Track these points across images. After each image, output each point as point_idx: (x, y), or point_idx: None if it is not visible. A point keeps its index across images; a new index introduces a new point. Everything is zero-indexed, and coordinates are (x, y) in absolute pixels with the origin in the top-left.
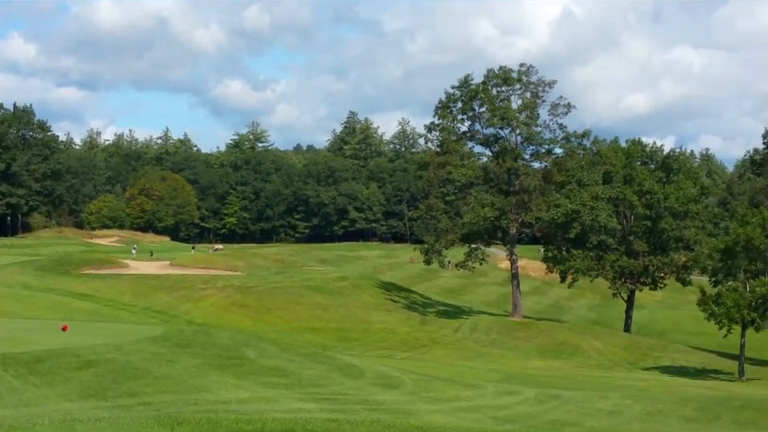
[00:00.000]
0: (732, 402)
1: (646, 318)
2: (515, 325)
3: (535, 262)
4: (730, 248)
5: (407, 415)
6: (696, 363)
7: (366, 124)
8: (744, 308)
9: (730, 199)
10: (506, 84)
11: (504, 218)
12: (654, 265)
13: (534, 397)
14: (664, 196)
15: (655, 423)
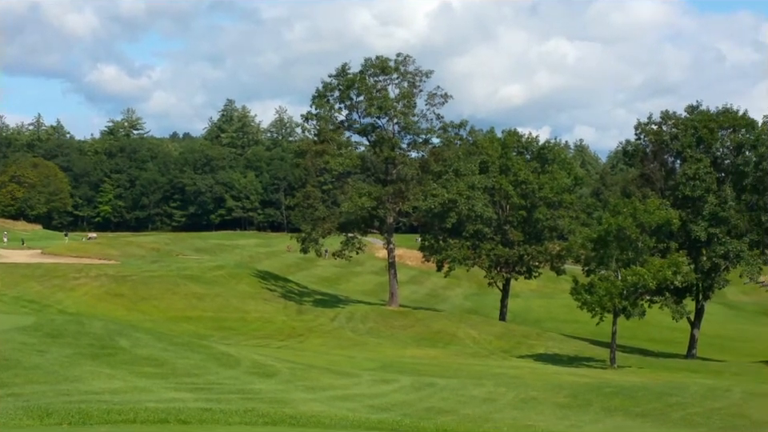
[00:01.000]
0: (603, 389)
1: (521, 307)
2: (392, 314)
3: (412, 251)
4: (602, 237)
5: (282, 404)
6: (569, 351)
7: (244, 112)
8: (615, 297)
9: (603, 189)
10: (384, 73)
11: (381, 207)
12: (528, 254)
13: (409, 385)
14: (539, 186)
15: (528, 410)
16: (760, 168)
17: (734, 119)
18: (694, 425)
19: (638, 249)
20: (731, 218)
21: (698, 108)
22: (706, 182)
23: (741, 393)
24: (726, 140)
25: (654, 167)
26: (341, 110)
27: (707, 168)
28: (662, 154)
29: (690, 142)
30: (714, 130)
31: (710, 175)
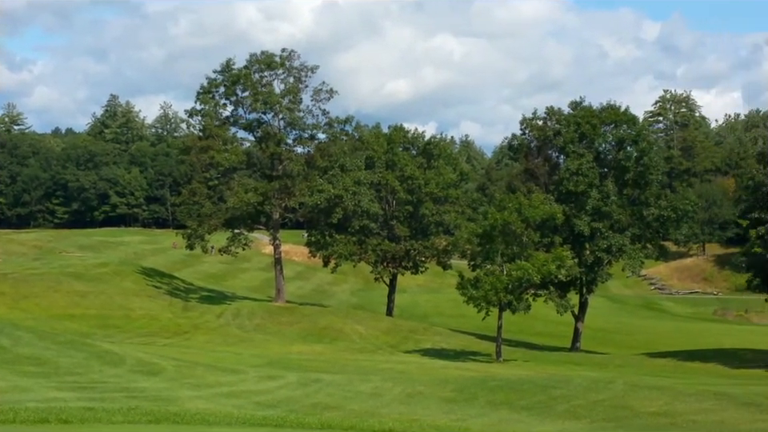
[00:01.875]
0: (488, 383)
1: (408, 302)
2: (278, 310)
3: (299, 247)
4: (487, 232)
5: (167, 402)
6: (456, 345)
7: (128, 108)
8: (501, 291)
9: (488, 184)
10: (269, 69)
11: (267, 202)
12: (415, 249)
13: (296, 381)
14: (425, 181)
15: (414, 405)
16: (641, 163)
17: (615, 115)
18: (578, 417)
19: (522, 243)
20: (613, 212)
21: (581, 104)
22: (589, 177)
23: (623, 384)
24: (608, 136)
25: (538, 162)
26: (226, 105)
27: (590, 163)
28: (546, 150)
29: (573, 138)
30: (597, 126)
31: (593, 170)
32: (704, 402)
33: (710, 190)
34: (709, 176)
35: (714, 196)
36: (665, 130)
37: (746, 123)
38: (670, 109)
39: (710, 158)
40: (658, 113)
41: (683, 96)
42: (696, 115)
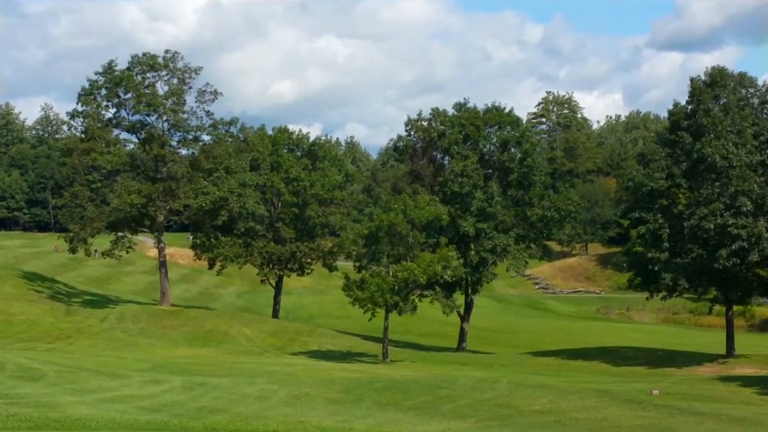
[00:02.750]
0: (375, 384)
1: (294, 304)
2: (163, 313)
3: (184, 250)
4: (373, 234)
5: (48, 408)
6: (342, 347)
7: (7, 109)
8: (387, 292)
9: (374, 186)
10: (153, 70)
11: (151, 205)
12: (301, 251)
13: (180, 385)
14: (310, 183)
15: (301, 407)
16: (525, 164)
17: (499, 117)
18: (463, 416)
19: (408, 244)
20: (498, 213)
21: (465, 105)
22: (474, 179)
23: (507, 384)
24: (492, 137)
25: (423, 164)
26: (108, 107)
27: (474, 165)
28: (431, 151)
29: (458, 139)
30: (481, 128)
31: (477, 172)
32: (587, 400)
33: (592, 191)
34: (591, 177)
35: (596, 196)
36: (548, 131)
37: (627, 124)
38: (552, 110)
39: (592, 159)
40: (541, 114)
41: (565, 98)
42: (578, 117)
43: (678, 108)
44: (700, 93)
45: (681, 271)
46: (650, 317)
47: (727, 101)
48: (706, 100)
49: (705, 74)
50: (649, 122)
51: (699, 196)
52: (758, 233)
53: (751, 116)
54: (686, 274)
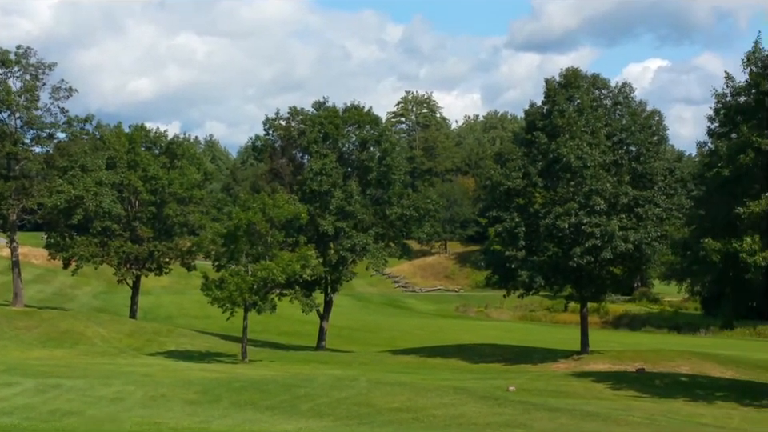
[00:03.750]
0: (233, 384)
1: (153, 304)
2: (16, 314)
3: (38, 249)
4: (232, 233)
5: None
6: (201, 347)
7: None
8: (246, 291)
9: (233, 185)
10: (4, 66)
11: (4, 203)
12: (159, 250)
13: (33, 387)
14: (168, 182)
15: (158, 408)
16: (384, 163)
17: (359, 116)
18: (322, 415)
19: (267, 243)
20: (357, 212)
21: (324, 104)
22: (333, 177)
23: (366, 382)
24: (351, 136)
25: (282, 162)
26: None
27: (333, 163)
28: (290, 149)
29: (317, 138)
30: (340, 126)
31: (337, 170)
32: (444, 397)
33: (450, 190)
34: (450, 176)
35: (455, 195)
36: (407, 130)
37: (485, 124)
38: (412, 110)
39: (451, 158)
40: (401, 113)
41: (425, 97)
42: (437, 116)
43: (534, 108)
44: (555, 93)
45: (537, 269)
46: (508, 314)
47: (581, 102)
48: (561, 101)
49: (559, 75)
50: (506, 122)
51: (554, 195)
52: (610, 231)
53: (604, 117)
54: (542, 272)
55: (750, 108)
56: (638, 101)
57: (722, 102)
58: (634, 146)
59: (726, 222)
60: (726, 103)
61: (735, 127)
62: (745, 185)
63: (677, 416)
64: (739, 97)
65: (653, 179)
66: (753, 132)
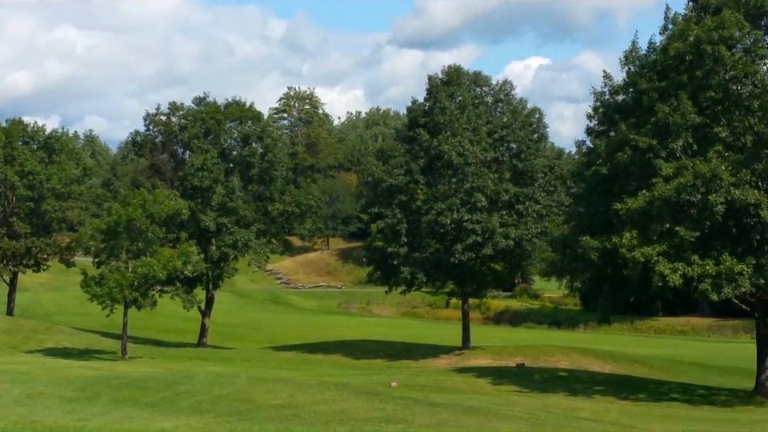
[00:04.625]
0: (112, 381)
1: (31, 301)
2: None
3: None
4: (112, 229)
5: None
6: (80, 344)
7: None
8: (126, 288)
9: (113, 180)
10: None
11: None
12: (37, 246)
13: None
14: (47, 177)
15: (35, 406)
16: (266, 159)
17: (240, 111)
18: (202, 412)
19: (147, 239)
20: (239, 208)
21: (205, 100)
22: (214, 173)
23: (247, 378)
24: (233, 132)
25: (163, 158)
26: None
27: (215, 159)
28: (171, 145)
29: (199, 134)
30: (222, 122)
31: (218, 166)
32: (326, 393)
33: (333, 186)
34: (332, 172)
35: (337, 191)
36: (290, 126)
37: (368, 121)
38: (294, 106)
39: (333, 155)
40: (283, 109)
41: (307, 93)
42: (320, 112)
43: (416, 105)
44: (437, 91)
45: (419, 265)
46: (390, 310)
47: (463, 99)
48: (443, 98)
49: (442, 72)
50: (389, 119)
51: (436, 192)
52: (491, 228)
53: (486, 114)
54: (424, 268)
55: (627, 107)
56: (518, 98)
57: (601, 101)
58: (515, 143)
59: (604, 219)
60: (604, 102)
61: (613, 125)
62: (623, 182)
63: (556, 410)
64: (617, 96)
65: (533, 176)
66: (631, 130)
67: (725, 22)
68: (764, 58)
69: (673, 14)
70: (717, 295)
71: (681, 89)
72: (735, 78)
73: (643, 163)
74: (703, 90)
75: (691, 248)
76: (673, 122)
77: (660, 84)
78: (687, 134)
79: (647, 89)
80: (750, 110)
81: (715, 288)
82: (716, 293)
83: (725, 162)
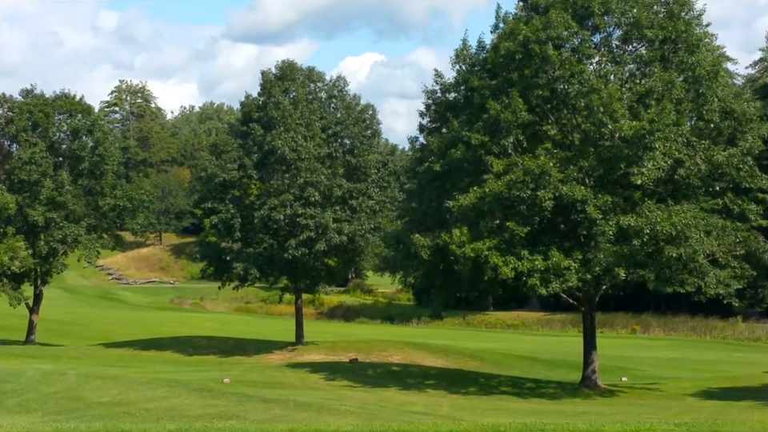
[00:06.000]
0: None
1: None
2: None
3: None
4: None
5: None
6: None
7: None
8: None
9: None
10: None
11: None
12: None
13: None
14: None
15: None
16: (96, 153)
17: (70, 104)
18: (29, 410)
19: None
20: (69, 202)
21: (32, 92)
22: (43, 167)
23: (76, 376)
24: (62, 125)
25: None
26: None
27: (43, 152)
28: None
29: (26, 126)
30: (51, 115)
31: (47, 160)
32: (157, 390)
33: (166, 181)
34: (165, 166)
35: (170, 186)
36: (121, 120)
37: (201, 115)
38: (126, 99)
39: (166, 149)
40: (115, 103)
41: (140, 87)
42: (152, 106)
43: (250, 100)
44: (271, 86)
45: (252, 261)
46: (224, 306)
47: (297, 94)
48: (277, 93)
49: (276, 67)
50: (222, 113)
51: (270, 187)
52: (325, 223)
53: (319, 110)
54: (257, 264)
55: (459, 104)
56: (352, 95)
57: (433, 99)
58: (349, 139)
59: (437, 215)
60: (436, 99)
61: (446, 123)
62: (455, 178)
63: (389, 404)
64: (449, 93)
65: (367, 172)
66: (463, 127)
67: (552, 22)
68: (590, 58)
69: (504, 14)
70: (545, 290)
71: (511, 87)
72: (562, 78)
73: (475, 160)
74: (532, 89)
75: (521, 243)
76: (504, 120)
77: (491, 82)
78: (518, 131)
79: (478, 86)
80: (577, 108)
81: (544, 283)
82: (544, 287)
83: (553, 159)
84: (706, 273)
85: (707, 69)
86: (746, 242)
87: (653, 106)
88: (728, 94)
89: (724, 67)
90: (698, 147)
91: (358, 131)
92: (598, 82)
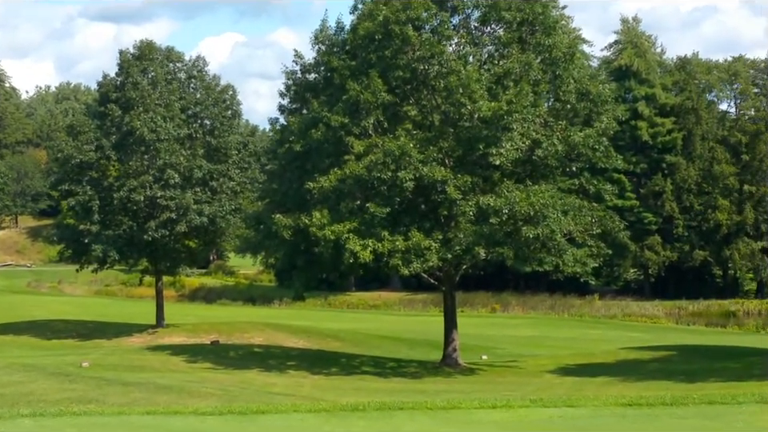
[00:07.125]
0: None
1: None
2: None
3: None
4: None
5: None
6: None
7: None
8: None
9: None
10: None
11: None
12: None
13: None
14: None
15: None
16: None
17: None
18: None
19: None
20: None
21: None
22: None
23: None
24: None
25: None
26: None
27: None
28: None
29: None
30: None
31: None
32: (13, 375)
33: (21, 162)
34: (21, 148)
35: (26, 168)
36: None
37: (58, 95)
38: None
39: (22, 130)
40: None
41: None
42: (6, 86)
43: (108, 80)
44: (129, 66)
45: (111, 243)
46: (83, 289)
47: (155, 75)
48: (135, 73)
49: (134, 47)
50: (80, 94)
51: (129, 168)
52: (185, 204)
53: (179, 90)
54: (116, 246)
55: (319, 85)
56: (212, 75)
57: (293, 79)
58: (209, 119)
59: (298, 196)
60: (296, 80)
61: (306, 103)
62: (316, 159)
63: (250, 386)
64: (309, 74)
65: (227, 153)
66: (323, 108)
67: (412, 3)
68: (450, 39)
69: None
70: (407, 270)
71: (371, 68)
72: (422, 58)
73: (336, 141)
74: (392, 70)
75: (381, 224)
76: (364, 100)
77: (351, 63)
78: (378, 112)
79: (338, 67)
80: (437, 89)
81: (405, 263)
82: (406, 267)
83: (413, 140)
84: (564, 251)
85: (563, 51)
86: (601, 222)
87: (511, 88)
88: (584, 76)
89: (580, 49)
90: (555, 128)
91: (218, 112)
92: (457, 64)
